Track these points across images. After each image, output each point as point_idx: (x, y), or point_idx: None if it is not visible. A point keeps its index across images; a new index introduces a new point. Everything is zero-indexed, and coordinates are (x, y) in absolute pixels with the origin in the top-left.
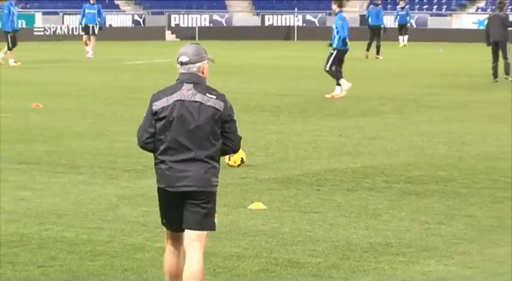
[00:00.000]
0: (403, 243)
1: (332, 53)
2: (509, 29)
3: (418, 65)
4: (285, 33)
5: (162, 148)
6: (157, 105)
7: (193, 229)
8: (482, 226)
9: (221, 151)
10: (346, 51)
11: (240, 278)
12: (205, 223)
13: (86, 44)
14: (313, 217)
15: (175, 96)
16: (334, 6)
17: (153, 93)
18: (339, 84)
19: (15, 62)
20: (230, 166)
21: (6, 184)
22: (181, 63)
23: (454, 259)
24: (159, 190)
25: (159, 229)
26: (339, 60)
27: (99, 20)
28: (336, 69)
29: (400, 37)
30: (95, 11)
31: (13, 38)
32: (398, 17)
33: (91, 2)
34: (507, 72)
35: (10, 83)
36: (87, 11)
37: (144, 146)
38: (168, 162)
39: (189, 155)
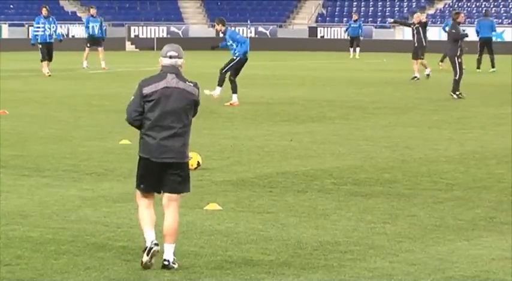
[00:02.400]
0: (350, 241)
1: (234, 60)
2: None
3: (364, 74)
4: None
5: (148, 124)
6: (147, 90)
7: (174, 193)
8: (424, 225)
9: None
10: (245, 61)
11: (196, 276)
12: (183, 187)
13: (86, 57)
14: (265, 217)
15: (162, 83)
16: (220, 26)
17: (141, 79)
18: (235, 92)
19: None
20: None
21: None
22: (171, 57)
23: (399, 257)
24: (142, 159)
25: (120, 228)
26: (235, 68)
27: (100, 31)
28: (222, 76)
29: (351, 49)
30: (98, 24)
31: (45, 49)
32: (350, 28)
33: (92, 14)
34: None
35: None
36: (91, 23)
37: (132, 122)
38: (154, 137)
39: (171, 132)
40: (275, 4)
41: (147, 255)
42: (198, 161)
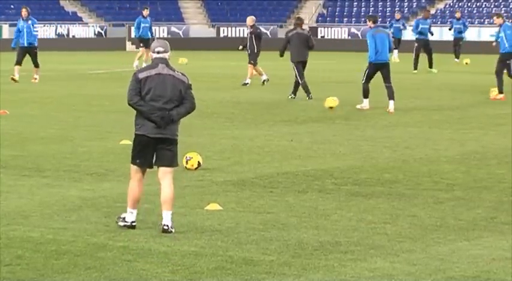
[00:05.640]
0: (351, 241)
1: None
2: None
3: None
4: (239, 44)
5: (144, 105)
6: (141, 75)
7: (166, 166)
8: (425, 225)
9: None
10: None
11: (197, 276)
12: (174, 161)
13: (139, 57)
14: (266, 217)
15: (154, 71)
16: (370, 23)
17: (135, 71)
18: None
19: (13, 77)
20: (188, 169)
21: None
22: (159, 52)
23: (399, 257)
24: (138, 136)
25: (120, 228)
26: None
27: (150, 33)
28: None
29: (395, 51)
30: (149, 25)
31: (19, 54)
32: (393, 29)
33: (144, 15)
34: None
35: None
36: (142, 24)
37: (134, 103)
38: None
39: (164, 111)
40: (275, 4)
41: (128, 227)
42: (198, 162)
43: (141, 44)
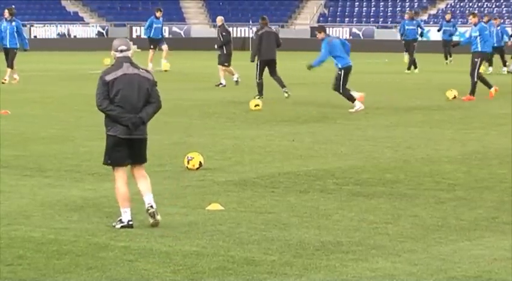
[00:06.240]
0: (352, 241)
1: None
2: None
3: (365, 74)
4: (240, 44)
5: (114, 107)
6: (108, 77)
7: (140, 163)
8: (426, 225)
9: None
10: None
11: (199, 276)
12: (145, 158)
13: (151, 59)
14: (267, 217)
15: (120, 71)
16: (321, 34)
17: (101, 72)
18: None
19: (8, 78)
20: (189, 169)
21: None
22: (122, 51)
23: (401, 257)
24: (111, 136)
25: (121, 229)
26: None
27: (163, 33)
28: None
29: (405, 53)
30: (161, 25)
31: (4, 55)
32: (403, 30)
33: (157, 16)
34: (283, 86)
35: None
36: (154, 25)
37: (104, 108)
38: None
39: (134, 112)
40: (277, 4)
41: (125, 227)
42: (200, 162)
43: (152, 46)
